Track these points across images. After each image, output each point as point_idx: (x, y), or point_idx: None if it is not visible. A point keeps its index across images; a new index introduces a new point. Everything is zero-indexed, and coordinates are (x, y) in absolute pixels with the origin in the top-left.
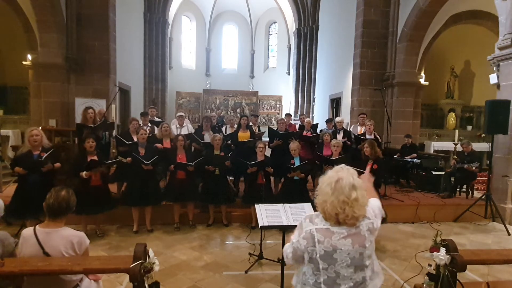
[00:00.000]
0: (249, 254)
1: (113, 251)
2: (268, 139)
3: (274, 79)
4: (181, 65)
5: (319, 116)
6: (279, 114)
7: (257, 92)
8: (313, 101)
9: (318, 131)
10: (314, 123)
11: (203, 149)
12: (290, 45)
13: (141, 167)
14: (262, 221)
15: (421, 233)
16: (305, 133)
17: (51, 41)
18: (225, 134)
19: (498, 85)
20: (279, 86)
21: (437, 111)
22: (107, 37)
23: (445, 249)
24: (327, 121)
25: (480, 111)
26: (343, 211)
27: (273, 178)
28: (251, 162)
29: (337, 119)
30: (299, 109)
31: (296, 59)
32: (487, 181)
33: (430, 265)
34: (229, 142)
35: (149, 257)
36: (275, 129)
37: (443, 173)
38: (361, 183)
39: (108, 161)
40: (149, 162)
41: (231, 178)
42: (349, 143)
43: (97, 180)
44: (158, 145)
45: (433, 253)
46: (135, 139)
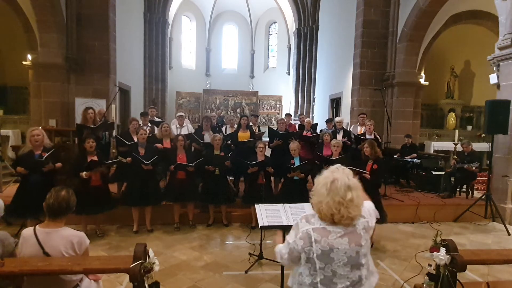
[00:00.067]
0: (249, 254)
1: (113, 251)
2: (268, 139)
3: (274, 79)
4: (181, 65)
5: (319, 116)
6: (279, 114)
7: (257, 92)
8: (313, 101)
9: (318, 131)
10: (314, 123)
11: (203, 149)
12: (290, 45)
13: (141, 167)
14: (262, 221)
15: (421, 233)
16: (305, 133)
17: (51, 41)
18: (225, 134)
19: (498, 85)
20: (279, 86)
21: (437, 111)
22: (107, 37)
23: (445, 249)
24: (327, 121)
25: (480, 111)
26: (338, 212)
27: (273, 178)
28: (252, 162)
29: (337, 119)
30: (299, 109)
31: (296, 59)
32: (487, 181)
33: (430, 265)
34: (229, 142)
35: (149, 257)
36: (275, 129)
37: (443, 173)
38: (356, 183)
39: (108, 161)
40: (149, 162)
41: (231, 178)
42: (349, 143)
43: (97, 180)
44: (158, 145)
45: (433, 253)
46: (135, 139)
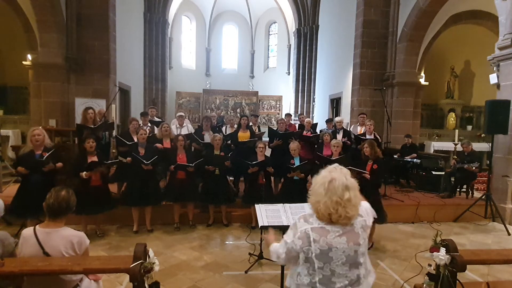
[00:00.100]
0: (249, 254)
1: (113, 251)
2: (268, 139)
3: (274, 79)
4: (181, 65)
5: (319, 116)
6: (279, 114)
7: (257, 92)
8: (313, 101)
9: (318, 131)
10: (313, 123)
11: (203, 149)
12: (290, 45)
13: (141, 167)
14: (262, 221)
15: (421, 233)
16: (305, 133)
17: (51, 41)
18: (225, 134)
19: (498, 85)
20: (279, 86)
21: (437, 111)
22: (107, 37)
23: (445, 249)
24: (327, 121)
25: (480, 111)
26: (336, 212)
27: (273, 178)
28: (252, 162)
29: (337, 119)
30: (299, 109)
31: (296, 59)
32: (487, 181)
33: (430, 265)
34: (229, 142)
35: (149, 257)
36: (275, 129)
37: (443, 173)
38: (354, 183)
39: (108, 161)
40: (149, 162)
41: (231, 178)
42: (349, 143)
43: (97, 180)
44: (158, 145)
45: (433, 253)
46: (135, 139)
